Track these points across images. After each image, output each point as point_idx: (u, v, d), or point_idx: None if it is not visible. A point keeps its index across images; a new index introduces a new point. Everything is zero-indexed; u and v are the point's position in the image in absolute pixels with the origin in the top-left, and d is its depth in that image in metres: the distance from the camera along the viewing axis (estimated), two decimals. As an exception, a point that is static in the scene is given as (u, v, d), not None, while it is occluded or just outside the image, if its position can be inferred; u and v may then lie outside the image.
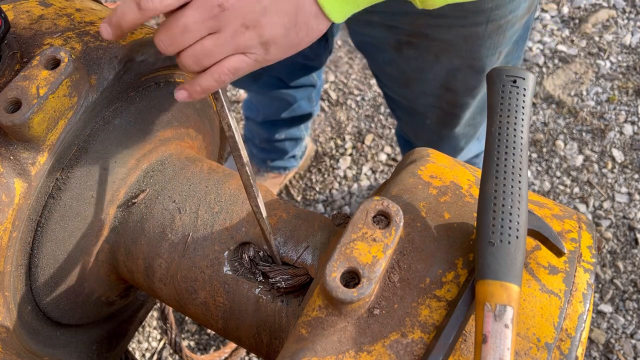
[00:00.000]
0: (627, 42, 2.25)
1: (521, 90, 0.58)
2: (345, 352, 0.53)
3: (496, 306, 0.50)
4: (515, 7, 0.98)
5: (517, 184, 0.54)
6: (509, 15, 0.99)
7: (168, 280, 0.75)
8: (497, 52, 1.05)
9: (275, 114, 1.69)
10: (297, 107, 1.67)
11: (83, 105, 0.67)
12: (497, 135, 0.56)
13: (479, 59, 1.05)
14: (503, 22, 0.99)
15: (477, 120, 1.26)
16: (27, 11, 0.73)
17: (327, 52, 1.44)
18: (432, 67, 1.09)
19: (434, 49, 1.04)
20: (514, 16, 1.00)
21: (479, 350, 0.49)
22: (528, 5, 1.01)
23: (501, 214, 0.53)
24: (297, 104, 1.66)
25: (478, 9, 0.96)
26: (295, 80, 1.53)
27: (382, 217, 0.56)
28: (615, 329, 1.71)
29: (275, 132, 1.77)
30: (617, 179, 1.96)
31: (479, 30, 1.00)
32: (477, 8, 0.96)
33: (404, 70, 1.13)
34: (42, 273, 0.71)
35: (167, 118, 0.81)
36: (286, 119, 1.71)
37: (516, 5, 0.98)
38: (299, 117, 1.74)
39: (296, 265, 0.70)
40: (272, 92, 1.57)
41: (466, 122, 1.23)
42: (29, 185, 0.64)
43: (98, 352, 0.86)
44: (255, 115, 1.74)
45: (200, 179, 0.77)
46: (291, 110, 1.67)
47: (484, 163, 0.57)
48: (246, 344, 0.75)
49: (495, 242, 0.52)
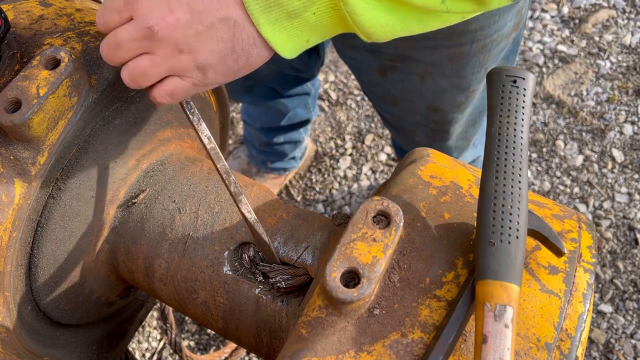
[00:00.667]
0: (627, 42, 2.25)
1: (521, 90, 0.58)
2: (345, 352, 0.53)
3: (496, 306, 0.50)
4: (500, 26, 0.97)
5: (517, 184, 0.54)
6: (495, 35, 0.97)
7: (168, 280, 0.75)
8: (483, 69, 1.04)
9: (272, 121, 1.69)
10: (293, 115, 1.67)
11: (83, 105, 0.67)
12: (497, 135, 0.56)
13: (465, 77, 1.04)
14: (488, 42, 0.98)
15: (470, 133, 1.25)
16: (27, 11, 0.73)
17: (318, 64, 1.43)
18: (418, 89, 1.08)
19: (419, 71, 1.03)
20: (500, 35, 0.98)
21: (479, 350, 0.49)
22: (515, 23, 1.00)
23: (501, 214, 0.53)
24: (293, 112, 1.66)
25: (462, 30, 0.95)
26: (288, 90, 1.53)
27: (382, 217, 0.56)
28: (615, 329, 1.71)
29: (274, 136, 1.77)
30: (617, 179, 1.96)
31: (463, 50, 0.98)
32: (462, 29, 0.94)
33: (389, 91, 1.13)
34: (42, 273, 0.71)
35: (167, 118, 0.81)
36: (284, 125, 1.71)
37: (502, 24, 0.96)
38: (296, 124, 1.73)
39: (296, 265, 0.70)
40: (266, 102, 1.56)
41: (458, 136, 1.22)
42: (29, 185, 0.64)
43: (98, 352, 0.86)
44: (253, 122, 1.74)
45: (200, 179, 0.77)
46: (288, 118, 1.67)
47: (484, 163, 0.57)
48: (246, 344, 0.75)
49: (495, 242, 0.52)
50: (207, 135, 0.67)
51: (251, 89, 1.46)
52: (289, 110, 1.63)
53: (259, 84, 1.44)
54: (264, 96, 1.53)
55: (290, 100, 1.59)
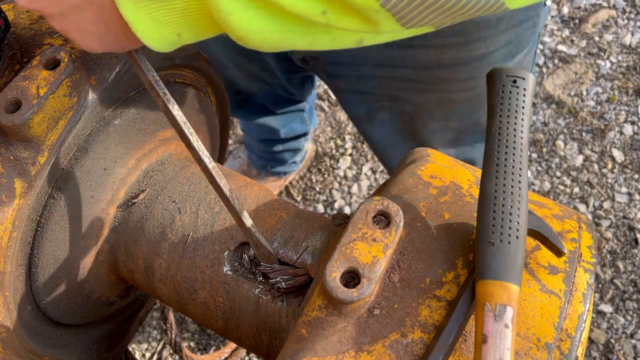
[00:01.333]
0: (627, 42, 2.25)
1: (521, 90, 0.58)
2: (345, 352, 0.53)
3: (496, 306, 0.50)
4: None
5: (517, 184, 0.54)
6: None
7: (168, 280, 0.75)
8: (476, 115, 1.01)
9: (268, 134, 1.66)
10: (289, 129, 1.64)
11: (83, 105, 0.67)
12: (497, 135, 0.56)
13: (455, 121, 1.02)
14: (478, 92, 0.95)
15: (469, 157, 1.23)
16: (27, 11, 0.73)
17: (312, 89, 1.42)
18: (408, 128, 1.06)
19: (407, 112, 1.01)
20: None
21: (479, 350, 0.49)
22: None
23: (501, 214, 0.53)
24: (289, 127, 1.63)
25: (450, 78, 0.92)
26: (281, 109, 1.50)
27: (382, 217, 0.56)
28: (615, 329, 1.71)
29: (273, 146, 1.75)
30: (617, 179, 1.96)
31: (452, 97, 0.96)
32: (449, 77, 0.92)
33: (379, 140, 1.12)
34: (42, 273, 0.71)
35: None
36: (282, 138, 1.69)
37: None
38: (294, 137, 1.72)
39: (296, 265, 0.70)
40: (259, 119, 1.53)
41: None
42: (29, 185, 0.64)
43: (98, 352, 0.86)
44: (250, 132, 1.72)
45: (200, 179, 0.77)
46: (284, 132, 1.64)
47: (484, 163, 0.57)
48: (246, 344, 0.75)
49: (495, 242, 0.52)
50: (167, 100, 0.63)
51: (244, 104, 1.42)
52: (284, 126, 1.61)
53: (250, 100, 1.41)
54: (257, 112, 1.49)
55: (284, 116, 1.56)
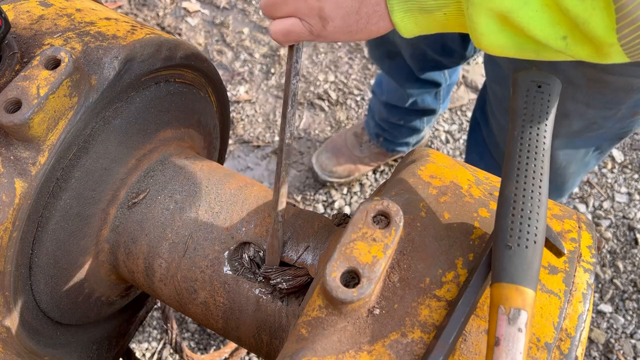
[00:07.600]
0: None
1: (546, 95, 0.57)
2: (345, 352, 0.53)
3: (510, 310, 0.50)
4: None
5: (537, 189, 0.54)
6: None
7: (168, 280, 0.75)
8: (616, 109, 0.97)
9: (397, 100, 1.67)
10: (420, 100, 1.65)
11: (83, 105, 0.67)
12: (520, 139, 0.56)
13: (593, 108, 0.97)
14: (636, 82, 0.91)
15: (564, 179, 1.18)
16: (27, 11, 0.73)
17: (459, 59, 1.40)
18: None
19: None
20: None
21: (491, 352, 0.49)
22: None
23: (520, 218, 0.53)
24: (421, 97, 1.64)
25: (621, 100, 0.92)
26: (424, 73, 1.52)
27: (382, 217, 0.56)
28: (615, 328, 1.71)
29: (395, 116, 1.75)
30: (617, 179, 1.96)
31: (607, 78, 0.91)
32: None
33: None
34: (42, 273, 0.71)
35: (167, 118, 0.81)
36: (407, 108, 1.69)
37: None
38: (421, 110, 1.71)
39: (296, 265, 0.70)
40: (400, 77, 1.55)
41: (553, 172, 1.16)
42: (29, 185, 0.64)
43: (98, 352, 0.86)
44: (380, 94, 1.72)
45: (200, 179, 0.77)
46: (414, 102, 1.65)
47: (505, 166, 0.56)
48: (246, 344, 0.75)
49: (513, 246, 0.52)
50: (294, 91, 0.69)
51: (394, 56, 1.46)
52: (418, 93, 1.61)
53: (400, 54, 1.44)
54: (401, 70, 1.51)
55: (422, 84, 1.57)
